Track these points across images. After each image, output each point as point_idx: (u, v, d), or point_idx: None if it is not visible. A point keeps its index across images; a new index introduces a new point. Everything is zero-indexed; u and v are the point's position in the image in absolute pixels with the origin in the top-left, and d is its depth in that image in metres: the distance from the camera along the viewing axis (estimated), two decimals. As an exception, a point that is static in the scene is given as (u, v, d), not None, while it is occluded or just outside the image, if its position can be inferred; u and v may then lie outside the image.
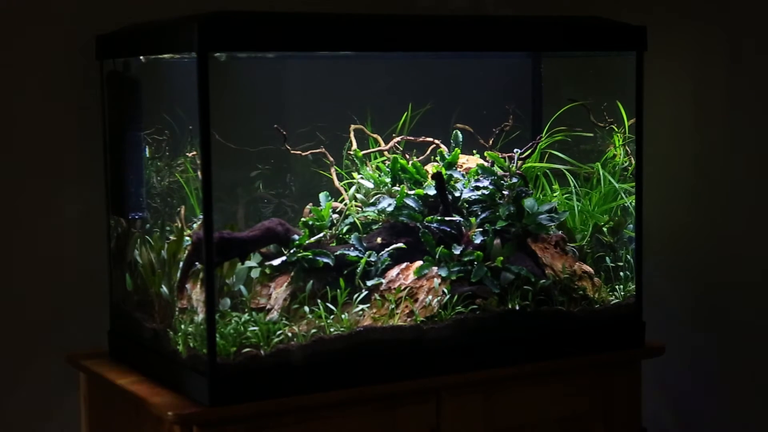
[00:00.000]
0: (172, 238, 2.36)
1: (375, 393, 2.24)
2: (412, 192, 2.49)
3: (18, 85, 2.56)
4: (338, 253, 2.36)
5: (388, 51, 2.37)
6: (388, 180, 2.55)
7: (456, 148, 2.59)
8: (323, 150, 2.57)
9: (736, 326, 2.73)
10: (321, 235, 2.42)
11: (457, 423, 2.33)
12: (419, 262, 2.37)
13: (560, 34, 2.45)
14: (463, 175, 2.55)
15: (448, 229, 2.43)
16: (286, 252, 2.36)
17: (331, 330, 2.22)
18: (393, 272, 2.36)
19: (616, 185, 2.60)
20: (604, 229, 2.61)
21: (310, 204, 2.49)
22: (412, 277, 2.34)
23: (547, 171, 2.68)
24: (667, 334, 2.79)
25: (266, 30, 2.14)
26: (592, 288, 2.49)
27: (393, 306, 2.30)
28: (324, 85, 2.66)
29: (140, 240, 2.41)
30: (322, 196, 2.49)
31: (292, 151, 2.52)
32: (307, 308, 2.27)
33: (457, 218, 2.44)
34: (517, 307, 2.38)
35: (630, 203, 2.56)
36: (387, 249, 2.39)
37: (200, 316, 2.18)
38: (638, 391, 2.55)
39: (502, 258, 2.38)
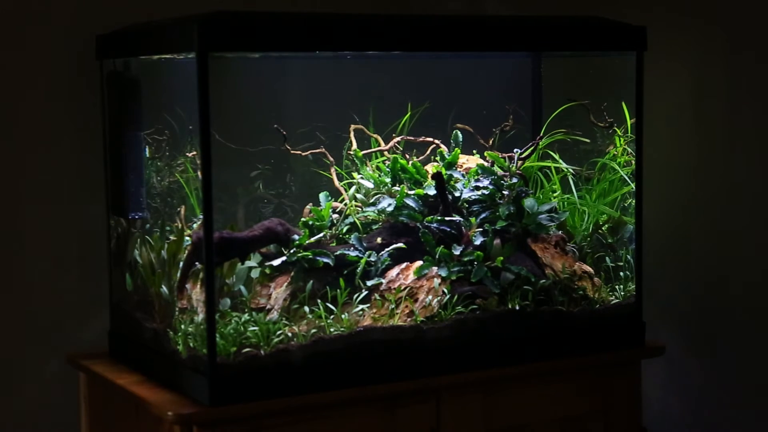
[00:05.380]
0: (172, 238, 2.36)
1: (375, 393, 2.24)
2: (412, 192, 2.49)
3: (18, 85, 2.56)
4: (338, 253, 2.36)
5: (388, 51, 2.37)
6: (388, 180, 2.55)
7: (456, 148, 2.59)
8: (323, 150, 2.57)
9: (736, 326, 2.73)
10: (321, 235, 2.42)
11: (457, 423, 2.33)
12: (419, 262, 2.37)
13: (560, 34, 2.45)
14: (463, 175, 2.55)
15: (448, 229, 2.43)
16: (286, 252, 2.36)
17: (331, 330, 2.22)
18: (393, 272, 2.36)
19: (621, 171, 2.60)
20: (604, 229, 2.61)
21: (310, 204, 2.49)
22: (412, 277, 2.34)
23: (547, 170, 2.68)
24: (667, 334, 2.79)
25: (266, 30, 2.14)
26: (592, 288, 2.49)
27: (393, 306, 2.30)
28: (324, 85, 2.66)
29: (140, 240, 2.41)
30: (322, 196, 2.49)
31: (292, 151, 2.52)
32: (307, 308, 2.27)
33: (457, 218, 2.45)
34: (517, 307, 2.38)
35: (630, 202, 2.57)
36: (387, 249, 2.39)
37: (200, 316, 2.18)
38: (638, 391, 2.55)
39: (502, 258, 2.38)
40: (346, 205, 2.51)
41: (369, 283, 2.34)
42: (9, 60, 2.55)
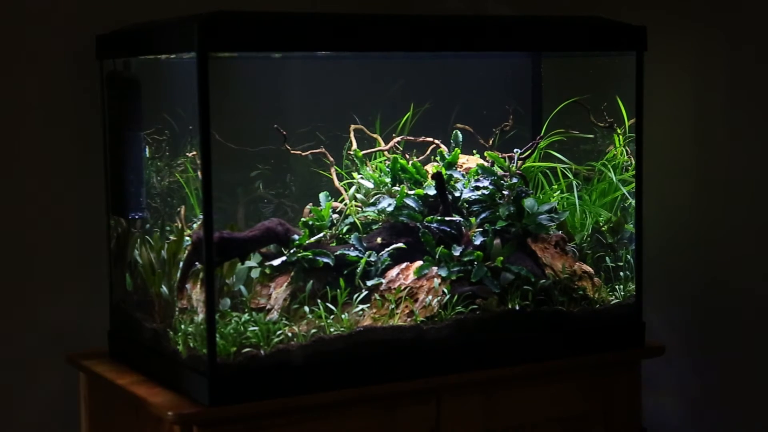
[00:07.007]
0: (172, 238, 2.36)
1: (375, 393, 2.24)
2: (412, 192, 2.49)
3: (18, 85, 2.56)
4: (338, 253, 2.36)
5: (388, 51, 2.37)
6: (388, 180, 2.55)
7: (456, 148, 2.59)
8: (323, 150, 2.57)
9: (736, 326, 2.73)
10: (321, 235, 2.42)
11: (457, 423, 2.33)
12: (419, 262, 2.37)
13: (560, 34, 2.45)
14: (463, 175, 2.55)
15: (448, 229, 2.43)
16: (286, 252, 2.36)
17: (331, 330, 2.22)
18: (393, 272, 2.36)
19: (614, 178, 2.60)
20: (604, 229, 2.61)
21: (310, 204, 2.49)
22: (412, 277, 2.34)
23: (547, 171, 2.68)
24: (667, 334, 2.79)
25: (266, 30, 2.14)
26: (592, 288, 2.49)
27: (393, 306, 2.30)
28: (324, 85, 2.66)
29: (140, 240, 2.41)
30: (322, 196, 2.49)
31: (292, 151, 2.52)
32: (307, 308, 2.27)
33: (457, 218, 2.45)
34: (517, 307, 2.38)
35: (630, 201, 2.57)
36: (387, 249, 2.39)
37: (200, 316, 2.18)
38: (638, 391, 2.55)
39: (502, 258, 2.38)
40: (346, 205, 2.51)
41: (369, 283, 2.34)
42: (9, 60, 2.55)
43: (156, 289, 2.33)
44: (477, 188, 2.52)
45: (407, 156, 2.63)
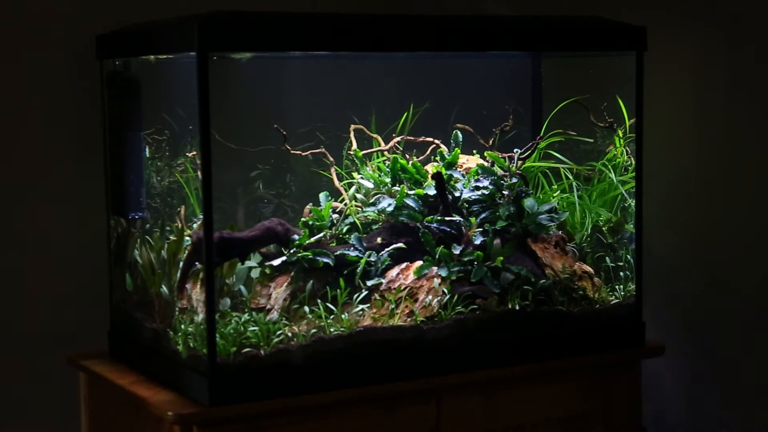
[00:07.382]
0: (172, 238, 2.36)
1: (375, 393, 2.24)
2: (412, 192, 2.49)
3: (18, 85, 2.56)
4: (338, 253, 2.36)
5: (388, 51, 2.37)
6: (388, 180, 2.55)
7: (456, 148, 2.59)
8: (323, 150, 2.57)
9: (736, 326, 2.73)
10: (321, 235, 2.42)
11: (457, 423, 2.33)
12: (419, 262, 2.37)
13: (560, 34, 2.45)
14: (463, 175, 2.55)
15: (448, 229, 2.43)
16: (286, 252, 2.36)
17: (331, 330, 2.22)
18: (393, 272, 2.36)
19: (614, 178, 2.60)
20: (604, 229, 2.61)
21: (310, 204, 2.49)
22: (412, 277, 2.34)
23: (547, 171, 2.68)
24: (667, 334, 2.79)
25: (266, 30, 2.14)
26: (592, 288, 2.49)
27: (393, 306, 2.30)
28: (324, 85, 2.66)
29: (140, 240, 2.41)
30: (322, 196, 2.49)
31: (292, 151, 2.52)
32: (307, 308, 2.27)
33: (457, 218, 2.45)
34: (517, 307, 2.38)
35: (630, 202, 2.57)
36: (387, 249, 2.39)
37: (200, 316, 2.18)
38: (638, 391, 2.55)
39: (502, 258, 2.38)
40: (346, 205, 2.51)
41: (369, 283, 2.34)
42: (9, 60, 2.55)
43: (156, 289, 2.33)
44: (477, 188, 2.52)
45: (407, 156, 2.63)
